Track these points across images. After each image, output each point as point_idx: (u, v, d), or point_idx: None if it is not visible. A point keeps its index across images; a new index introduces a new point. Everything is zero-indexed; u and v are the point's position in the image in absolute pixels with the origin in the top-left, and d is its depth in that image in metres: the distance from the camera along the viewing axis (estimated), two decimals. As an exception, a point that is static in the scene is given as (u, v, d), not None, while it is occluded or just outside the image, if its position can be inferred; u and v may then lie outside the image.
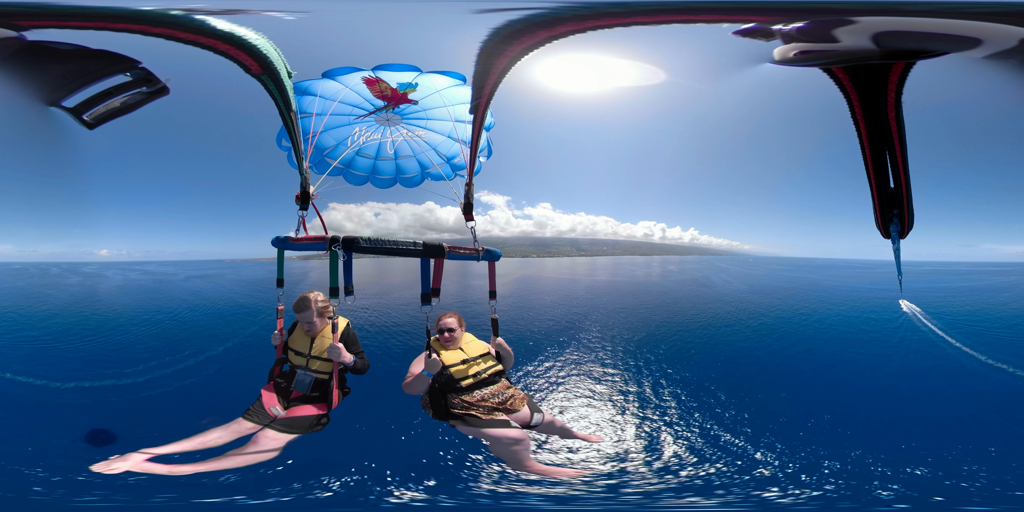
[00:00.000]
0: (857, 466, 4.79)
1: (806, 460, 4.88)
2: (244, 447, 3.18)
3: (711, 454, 5.01)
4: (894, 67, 2.48)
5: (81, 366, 8.25)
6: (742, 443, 5.29)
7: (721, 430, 5.68)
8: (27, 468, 4.19)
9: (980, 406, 6.72)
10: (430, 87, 4.47)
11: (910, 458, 4.97)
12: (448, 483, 4.25)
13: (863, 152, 2.81)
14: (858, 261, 67.91)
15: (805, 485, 4.36)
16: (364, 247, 3.33)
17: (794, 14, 2.37)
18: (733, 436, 5.50)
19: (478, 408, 3.44)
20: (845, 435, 5.60)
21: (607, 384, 7.47)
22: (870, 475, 4.62)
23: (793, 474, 4.57)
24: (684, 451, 5.08)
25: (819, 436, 5.56)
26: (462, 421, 3.42)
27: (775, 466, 4.75)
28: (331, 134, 4.83)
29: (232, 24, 2.47)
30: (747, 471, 4.62)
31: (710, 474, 4.54)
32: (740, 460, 4.90)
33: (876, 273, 33.23)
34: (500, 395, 3.55)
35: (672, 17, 2.25)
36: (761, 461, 4.85)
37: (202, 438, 3.23)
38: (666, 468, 4.68)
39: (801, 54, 2.64)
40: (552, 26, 2.25)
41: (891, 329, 12.18)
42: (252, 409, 3.45)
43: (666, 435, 5.54)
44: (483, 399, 3.49)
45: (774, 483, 4.36)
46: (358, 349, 3.61)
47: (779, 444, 5.24)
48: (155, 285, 26.37)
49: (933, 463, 4.85)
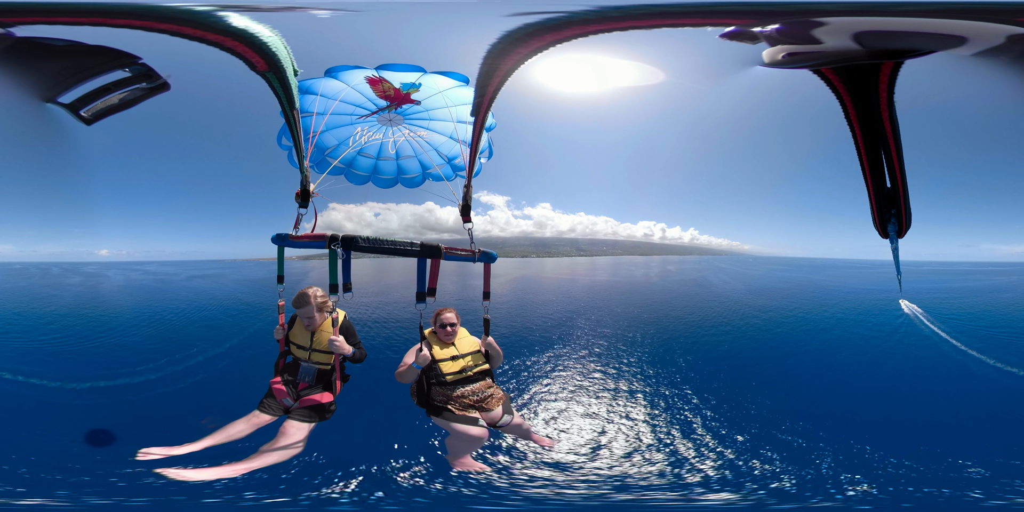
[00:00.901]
0: (858, 465, 4.81)
1: (750, 459, 4.89)
2: (274, 441, 3.35)
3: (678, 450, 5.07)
4: (883, 67, 2.50)
5: (94, 366, 8.30)
6: (717, 443, 5.30)
7: (721, 430, 5.70)
8: (58, 473, 4.17)
9: (982, 407, 6.73)
10: (433, 88, 4.49)
11: (911, 458, 4.98)
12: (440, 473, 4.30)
13: (858, 152, 2.83)
14: (858, 261, 67.97)
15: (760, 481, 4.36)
16: (363, 246, 3.44)
17: (766, 17, 2.41)
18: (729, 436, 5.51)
19: (455, 403, 3.62)
20: (844, 434, 5.61)
21: (590, 382, 7.53)
22: (870, 474, 4.63)
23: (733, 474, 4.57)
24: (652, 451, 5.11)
25: (815, 434, 5.58)
26: (438, 413, 3.60)
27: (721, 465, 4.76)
28: (332, 133, 4.86)
29: (248, 20, 2.48)
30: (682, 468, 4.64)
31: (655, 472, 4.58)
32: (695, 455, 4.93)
33: (876, 273, 33.27)
34: (480, 394, 3.71)
35: (662, 21, 2.29)
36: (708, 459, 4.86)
37: (227, 432, 3.39)
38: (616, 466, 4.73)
39: (788, 56, 2.67)
40: (560, 30, 2.31)
41: (891, 329, 12.19)
42: (265, 402, 3.62)
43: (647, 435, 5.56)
44: (463, 395, 3.65)
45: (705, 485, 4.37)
46: (356, 340, 3.75)
47: (760, 444, 5.26)
48: (158, 285, 26.48)
49: (934, 463, 4.87)
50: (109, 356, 9.06)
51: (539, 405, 6.42)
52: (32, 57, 2.84)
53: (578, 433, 5.48)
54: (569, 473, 4.34)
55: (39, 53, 2.82)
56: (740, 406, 6.49)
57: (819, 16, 2.30)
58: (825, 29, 2.37)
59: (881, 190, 2.92)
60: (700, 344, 10.47)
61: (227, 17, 2.42)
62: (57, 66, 2.93)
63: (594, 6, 2.26)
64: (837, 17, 2.29)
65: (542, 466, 4.40)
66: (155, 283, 27.77)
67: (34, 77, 2.98)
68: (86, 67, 2.99)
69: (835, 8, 2.30)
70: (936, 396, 7.33)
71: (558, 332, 11.29)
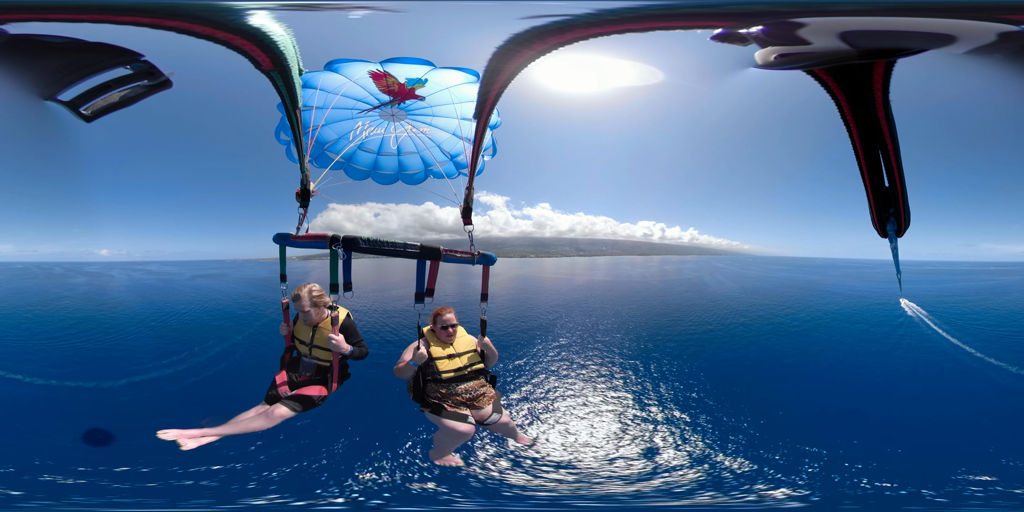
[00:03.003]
0: (858, 465, 4.80)
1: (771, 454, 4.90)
2: (248, 414, 3.53)
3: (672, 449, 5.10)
4: (875, 66, 2.51)
5: (121, 363, 8.47)
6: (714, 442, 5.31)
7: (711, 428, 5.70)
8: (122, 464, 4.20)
9: (982, 407, 6.71)
10: (440, 83, 4.43)
11: (910, 458, 4.98)
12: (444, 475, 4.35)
13: (856, 152, 2.84)
14: (857, 261, 67.89)
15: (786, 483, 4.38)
16: (363, 247, 3.47)
17: (748, 19, 2.42)
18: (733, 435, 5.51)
19: (448, 400, 3.71)
20: (841, 434, 5.61)
21: (570, 380, 7.61)
22: (869, 474, 4.63)
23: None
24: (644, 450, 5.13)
25: (810, 434, 5.58)
26: (431, 409, 3.69)
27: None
28: (332, 128, 4.81)
29: (265, 18, 2.50)
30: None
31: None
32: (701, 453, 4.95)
33: (876, 273, 33.21)
34: (472, 392, 3.79)
35: (655, 24, 2.32)
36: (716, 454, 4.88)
37: (244, 424, 3.52)
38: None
39: (780, 57, 2.68)
40: (562, 33, 2.36)
41: (891, 329, 12.16)
42: (270, 394, 3.77)
43: (652, 435, 5.57)
44: (456, 394, 3.74)
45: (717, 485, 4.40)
46: (357, 338, 3.81)
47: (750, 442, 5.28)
48: (163, 284, 26.77)
49: (934, 463, 4.87)
50: (134, 352, 9.36)
51: (517, 405, 6.50)
52: (29, 54, 2.84)
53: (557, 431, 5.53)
54: (544, 471, 4.40)
55: (37, 50, 2.82)
56: (739, 406, 6.50)
57: (801, 17, 2.32)
58: (809, 29, 2.38)
59: (879, 189, 2.92)
60: (693, 342, 10.53)
61: (241, 15, 2.43)
62: (57, 63, 2.93)
63: (597, 9, 2.30)
64: (820, 17, 2.31)
65: (520, 461, 4.45)
66: (160, 282, 27.99)
67: (33, 74, 2.98)
68: (86, 64, 2.99)
69: (819, 8, 2.31)
70: (936, 396, 7.32)
71: (541, 330, 11.55)
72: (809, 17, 2.32)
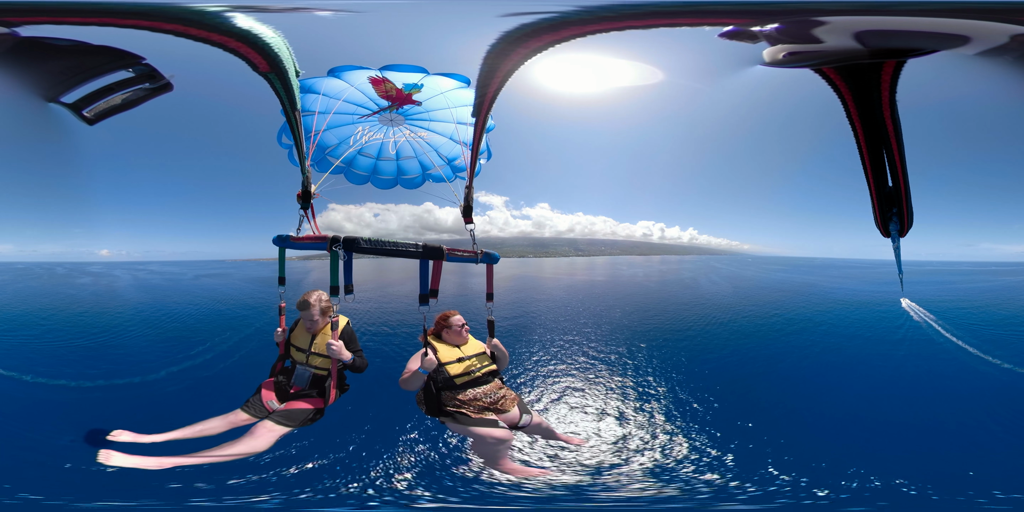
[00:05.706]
0: (857, 464, 4.79)
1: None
2: (240, 438, 3.26)
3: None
4: (885, 66, 2.49)
5: (140, 360, 8.46)
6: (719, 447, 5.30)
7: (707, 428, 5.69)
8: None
9: (985, 407, 6.70)
10: (435, 89, 4.51)
11: (911, 458, 4.96)
12: (440, 481, 4.27)
13: (860, 151, 2.82)
14: (858, 260, 67.87)
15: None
16: (364, 248, 3.37)
17: (764, 17, 2.40)
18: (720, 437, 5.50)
19: (469, 406, 3.49)
20: (841, 435, 5.60)
21: (592, 379, 7.59)
22: (870, 474, 4.62)
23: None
24: (684, 453, 5.10)
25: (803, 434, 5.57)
26: (452, 418, 3.47)
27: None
28: (333, 132, 4.86)
29: (252, 21, 2.49)
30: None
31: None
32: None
33: (876, 273, 33.14)
34: (492, 395, 3.60)
35: (659, 21, 2.29)
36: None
37: (200, 426, 3.35)
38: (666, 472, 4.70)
39: (789, 55, 2.66)
40: (557, 30, 2.31)
41: (892, 329, 12.14)
42: (251, 402, 3.55)
43: (662, 434, 5.56)
44: (475, 398, 3.53)
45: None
46: (357, 348, 3.68)
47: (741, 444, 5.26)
48: (168, 284, 26.69)
49: (935, 463, 4.85)
50: (150, 349, 9.44)
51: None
52: (36, 56, 2.84)
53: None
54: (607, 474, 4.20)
55: (43, 52, 2.81)
56: (737, 406, 6.49)
57: (819, 15, 2.30)
58: (826, 28, 2.36)
59: (882, 189, 2.91)
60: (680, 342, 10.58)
61: (231, 18, 2.43)
62: (60, 66, 2.93)
63: (590, 6, 2.26)
64: (838, 17, 2.29)
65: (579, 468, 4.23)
66: (166, 282, 27.96)
67: (37, 76, 2.98)
68: (89, 67, 2.98)
69: (836, 7, 2.29)
70: (938, 395, 7.31)
71: (542, 328, 11.55)
72: (831, 16, 2.28)
